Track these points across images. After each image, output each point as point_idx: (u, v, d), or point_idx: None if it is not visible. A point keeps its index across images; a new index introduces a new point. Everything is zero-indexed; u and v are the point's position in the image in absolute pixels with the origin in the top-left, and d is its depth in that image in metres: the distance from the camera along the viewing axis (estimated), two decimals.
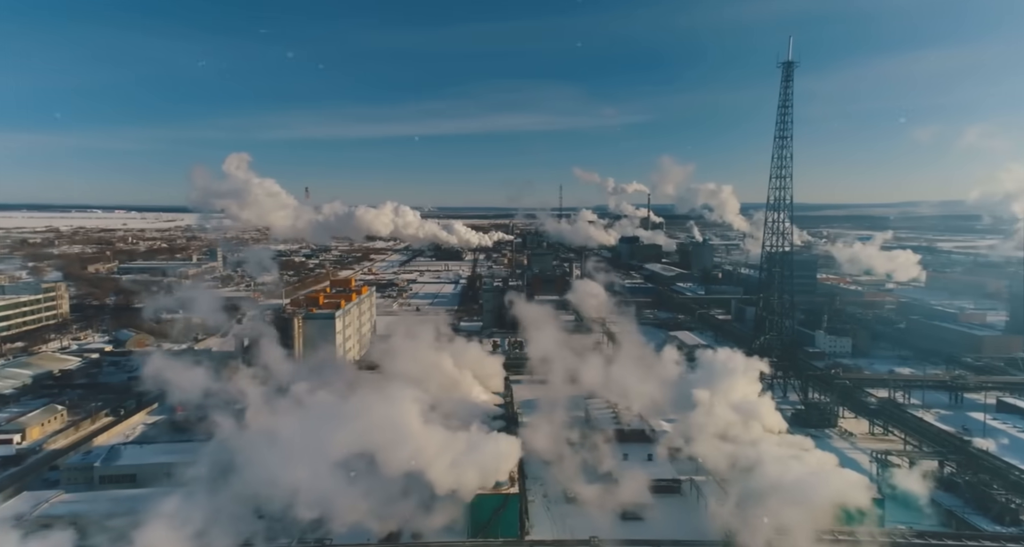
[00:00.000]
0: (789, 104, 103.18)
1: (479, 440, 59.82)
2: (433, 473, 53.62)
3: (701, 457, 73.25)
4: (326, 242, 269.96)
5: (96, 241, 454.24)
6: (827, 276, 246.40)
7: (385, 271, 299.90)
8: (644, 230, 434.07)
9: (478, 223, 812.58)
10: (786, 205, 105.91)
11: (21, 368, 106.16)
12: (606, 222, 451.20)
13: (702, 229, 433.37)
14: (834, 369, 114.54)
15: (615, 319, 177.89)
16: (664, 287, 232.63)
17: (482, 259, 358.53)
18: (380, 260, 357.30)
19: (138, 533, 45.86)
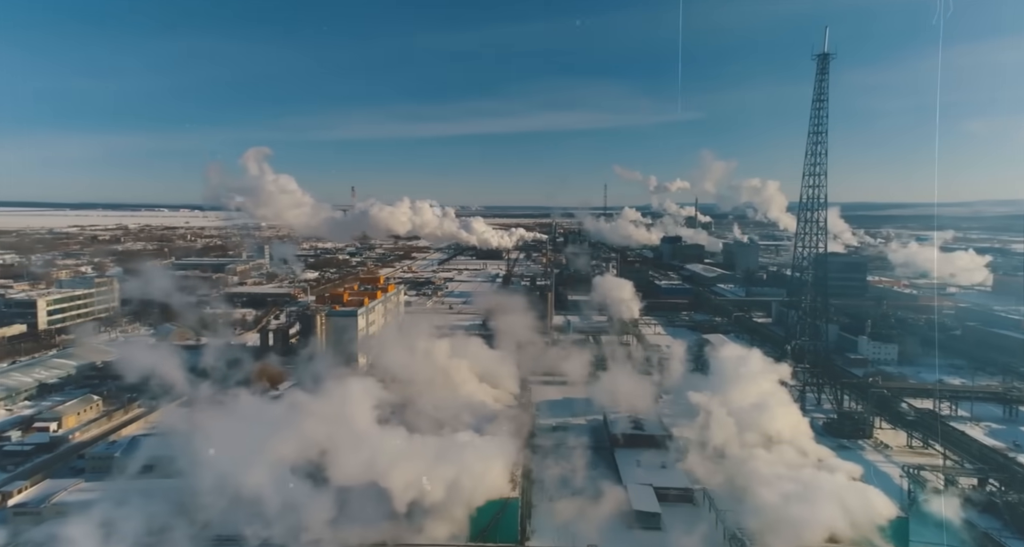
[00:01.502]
0: (824, 98, 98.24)
1: (450, 445, 58.52)
2: (390, 482, 52.30)
3: (713, 466, 70.51)
4: (343, 240, 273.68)
5: (158, 238, 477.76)
6: (880, 279, 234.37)
7: (425, 269, 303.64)
8: (692, 229, 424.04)
9: (522, 222, 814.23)
10: (820, 204, 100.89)
11: (67, 359, 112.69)
12: (649, 221, 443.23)
13: (748, 228, 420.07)
14: (873, 377, 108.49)
15: (647, 320, 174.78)
16: (703, 288, 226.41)
17: (522, 258, 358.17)
18: (421, 258, 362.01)
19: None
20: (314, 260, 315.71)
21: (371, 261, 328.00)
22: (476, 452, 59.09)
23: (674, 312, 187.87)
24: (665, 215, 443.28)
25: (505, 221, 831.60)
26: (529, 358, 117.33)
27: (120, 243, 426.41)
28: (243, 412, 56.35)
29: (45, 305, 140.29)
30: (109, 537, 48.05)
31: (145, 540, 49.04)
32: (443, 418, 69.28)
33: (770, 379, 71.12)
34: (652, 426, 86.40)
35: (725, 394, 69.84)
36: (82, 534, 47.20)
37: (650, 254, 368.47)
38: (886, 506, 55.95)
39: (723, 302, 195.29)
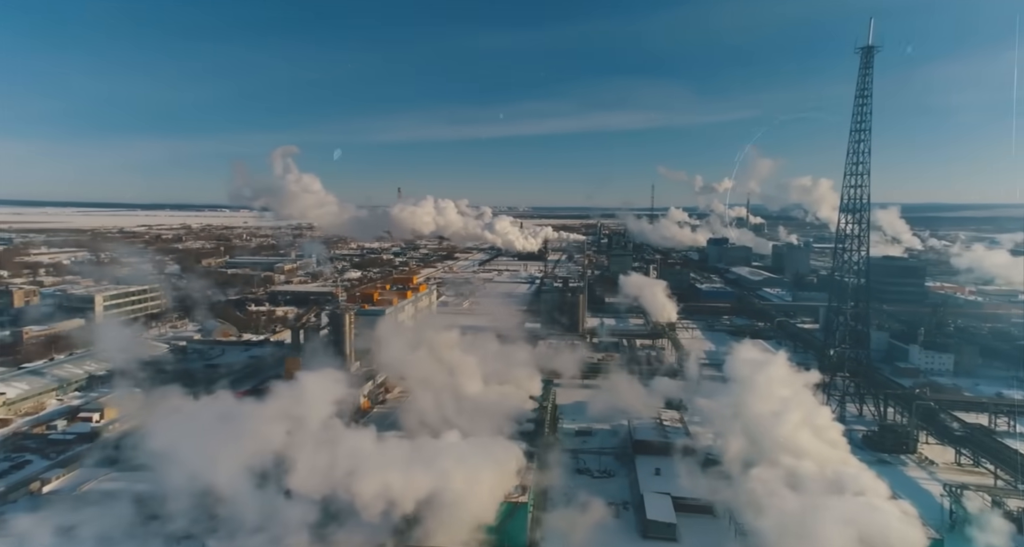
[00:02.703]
0: (868, 93, 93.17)
1: (453, 447, 57.97)
2: (359, 487, 51.86)
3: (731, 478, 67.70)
4: (368, 239, 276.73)
5: (217, 237, 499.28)
6: (942, 285, 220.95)
7: (465, 270, 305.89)
8: (738, 230, 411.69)
9: (567, 223, 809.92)
10: (863, 205, 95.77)
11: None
12: (696, 222, 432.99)
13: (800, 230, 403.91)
14: (920, 388, 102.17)
15: (686, 324, 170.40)
16: (747, 292, 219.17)
17: (563, 259, 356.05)
18: (464, 259, 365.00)
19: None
20: (359, 260, 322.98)
21: (414, 261, 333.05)
22: (482, 455, 58.48)
23: (715, 316, 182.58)
24: (711, 216, 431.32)
25: (551, 222, 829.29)
26: (555, 360, 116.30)
27: (181, 242, 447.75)
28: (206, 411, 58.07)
29: (102, 301, 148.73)
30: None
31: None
32: (455, 419, 68.84)
33: (795, 387, 67.53)
34: (676, 433, 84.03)
35: (741, 402, 66.86)
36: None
37: (695, 256, 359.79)
38: (915, 528, 52.24)
39: (767, 306, 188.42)
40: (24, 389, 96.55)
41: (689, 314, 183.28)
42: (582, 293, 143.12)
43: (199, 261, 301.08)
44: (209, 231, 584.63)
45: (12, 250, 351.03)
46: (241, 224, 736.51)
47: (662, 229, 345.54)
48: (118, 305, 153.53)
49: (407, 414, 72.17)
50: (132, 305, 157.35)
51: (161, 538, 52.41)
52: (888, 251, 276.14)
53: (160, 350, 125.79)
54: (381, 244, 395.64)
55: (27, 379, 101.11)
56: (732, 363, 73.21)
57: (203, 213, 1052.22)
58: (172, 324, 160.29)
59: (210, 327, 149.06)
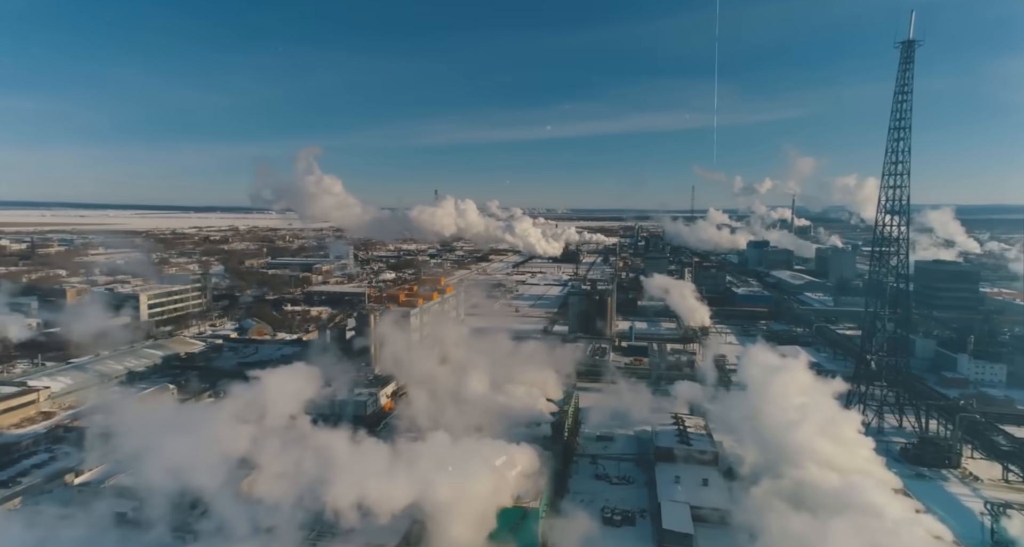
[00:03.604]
0: (908, 90, 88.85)
1: (461, 450, 57.51)
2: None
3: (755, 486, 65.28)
4: (390, 240, 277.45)
5: (261, 239, 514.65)
6: (999, 291, 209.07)
7: (499, 272, 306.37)
8: (779, 232, 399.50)
9: (606, 225, 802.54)
10: (902, 206, 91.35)
11: (156, 349, 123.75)
12: (738, 224, 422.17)
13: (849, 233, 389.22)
14: (966, 399, 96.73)
15: (721, 329, 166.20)
16: (787, 296, 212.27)
17: (599, 262, 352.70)
18: (499, 260, 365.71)
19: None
20: (395, 261, 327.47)
21: (449, 263, 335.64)
22: (490, 459, 58.03)
23: (751, 321, 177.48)
24: (752, 218, 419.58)
25: (589, 224, 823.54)
26: (580, 364, 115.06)
27: (227, 243, 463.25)
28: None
29: (146, 299, 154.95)
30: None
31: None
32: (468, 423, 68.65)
33: (815, 394, 64.70)
34: (700, 441, 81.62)
35: (755, 409, 64.44)
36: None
37: (735, 259, 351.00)
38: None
39: (806, 311, 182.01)
40: (68, 384, 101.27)
41: (724, 318, 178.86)
42: (610, 296, 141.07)
43: (242, 262, 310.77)
44: (255, 233, 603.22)
45: (72, 250, 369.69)
46: (286, 226, 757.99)
47: (699, 231, 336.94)
48: (161, 304, 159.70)
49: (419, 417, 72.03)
50: (175, 304, 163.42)
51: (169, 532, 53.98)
52: (940, 254, 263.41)
53: (197, 347, 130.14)
54: (418, 246, 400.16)
55: (71, 374, 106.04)
56: (745, 368, 70.67)
57: (251, 216, 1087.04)
58: (212, 322, 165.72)
59: (247, 326, 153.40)
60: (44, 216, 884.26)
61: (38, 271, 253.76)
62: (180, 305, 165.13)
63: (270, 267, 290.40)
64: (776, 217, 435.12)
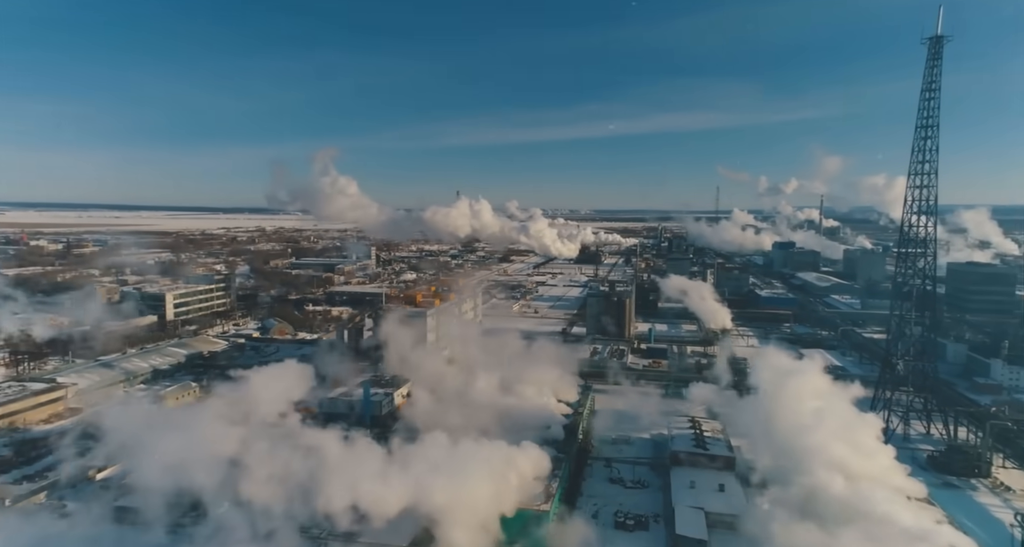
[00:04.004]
0: (936, 87, 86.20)
1: (469, 453, 57.08)
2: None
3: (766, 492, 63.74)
4: (405, 240, 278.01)
5: (287, 239, 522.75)
6: None
7: (520, 273, 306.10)
8: (805, 233, 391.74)
9: (629, 226, 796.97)
10: (929, 207, 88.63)
11: (180, 348, 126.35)
12: (765, 226, 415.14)
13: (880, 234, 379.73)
14: (998, 406, 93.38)
15: (743, 331, 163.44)
16: (813, 299, 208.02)
17: (620, 263, 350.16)
18: (519, 261, 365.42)
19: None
20: (417, 261, 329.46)
21: (470, 263, 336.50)
22: (500, 460, 57.73)
23: (774, 324, 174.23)
24: (778, 218, 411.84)
25: (611, 225, 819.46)
26: (597, 366, 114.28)
27: (254, 243, 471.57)
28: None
29: (172, 299, 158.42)
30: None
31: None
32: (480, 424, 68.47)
33: (829, 398, 62.95)
34: (716, 445, 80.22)
35: (767, 414, 62.96)
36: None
37: (760, 261, 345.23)
38: None
39: (832, 314, 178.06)
40: (95, 380, 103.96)
41: (747, 321, 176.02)
42: (628, 298, 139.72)
43: (267, 262, 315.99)
44: (280, 234, 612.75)
45: (105, 250, 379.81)
46: (311, 227, 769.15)
47: (723, 232, 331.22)
48: (187, 303, 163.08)
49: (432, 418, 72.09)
50: (200, 303, 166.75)
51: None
52: (975, 256, 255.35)
53: (219, 346, 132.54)
54: (439, 247, 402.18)
55: (99, 371, 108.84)
56: (758, 371, 69.15)
57: (277, 217, 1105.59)
58: (235, 322, 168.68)
59: (269, 325, 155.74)
60: (81, 217, 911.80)
61: (72, 270, 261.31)
62: (205, 305, 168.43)
63: (294, 267, 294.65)
64: (803, 218, 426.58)
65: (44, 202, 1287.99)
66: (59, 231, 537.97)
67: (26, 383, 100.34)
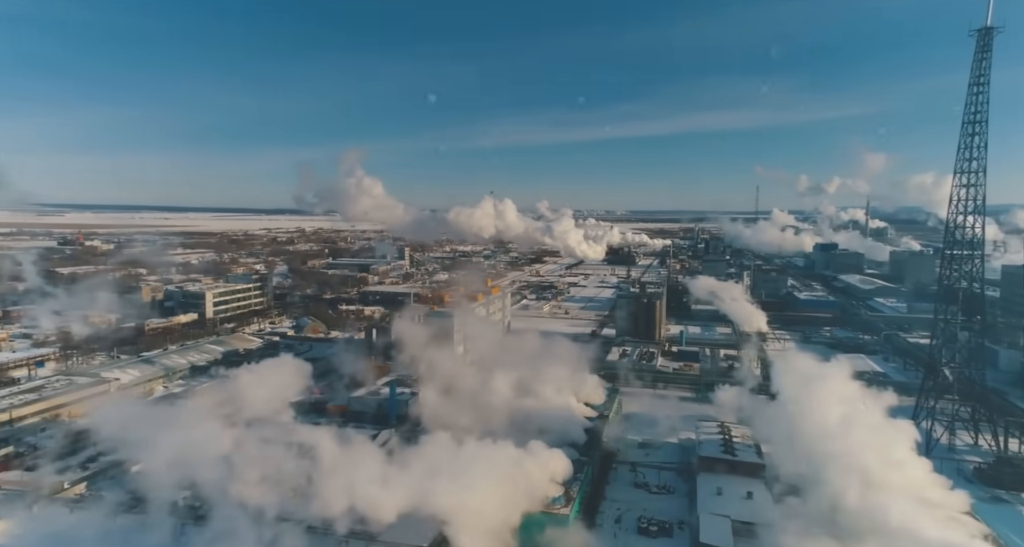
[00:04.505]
0: (984, 81, 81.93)
1: (483, 454, 56.60)
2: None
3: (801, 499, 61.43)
4: (430, 240, 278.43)
5: (325, 240, 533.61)
6: None
7: (552, 274, 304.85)
8: (855, 235, 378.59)
9: (666, 227, 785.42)
10: (977, 207, 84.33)
11: (217, 345, 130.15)
12: (808, 226, 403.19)
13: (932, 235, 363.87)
14: None
15: (780, 335, 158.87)
16: (856, 302, 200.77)
17: (655, 264, 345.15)
18: (552, 262, 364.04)
19: None
20: (450, 262, 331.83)
21: (502, 264, 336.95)
22: (514, 463, 57.31)
23: (813, 327, 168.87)
24: (820, 218, 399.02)
25: (648, 226, 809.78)
26: (626, 369, 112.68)
27: (293, 244, 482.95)
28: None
29: (212, 297, 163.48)
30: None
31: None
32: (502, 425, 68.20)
33: (861, 406, 60.25)
34: (746, 451, 78.02)
35: (789, 420, 60.73)
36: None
37: (800, 263, 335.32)
38: None
39: (875, 318, 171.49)
40: (136, 376, 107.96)
41: (785, 324, 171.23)
42: (659, 299, 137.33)
43: (305, 262, 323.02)
44: (319, 234, 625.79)
45: (154, 250, 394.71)
46: (348, 228, 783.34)
47: (760, 233, 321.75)
48: (226, 301, 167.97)
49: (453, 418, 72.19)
50: (238, 302, 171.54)
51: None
52: None
53: (254, 344, 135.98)
54: (473, 247, 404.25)
55: (140, 367, 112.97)
56: (779, 375, 66.83)
57: (316, 218, 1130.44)
58: (271, 320, 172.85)
59: (302, 324, 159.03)
60: (133, 218, 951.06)
61: (122, 270, 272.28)
62: (243, 303, 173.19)
63: (330, 267, 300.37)
64: (846, 218, 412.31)
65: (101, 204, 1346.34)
66: (113, 232, 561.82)
67: (73, 377, 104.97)
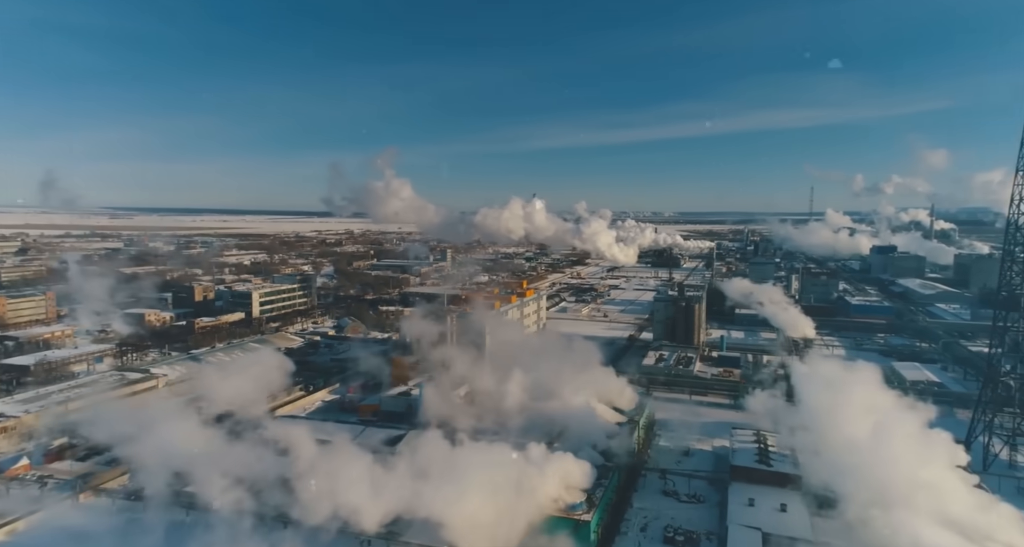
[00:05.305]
0: None
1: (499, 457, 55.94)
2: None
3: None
4: (461, 241, 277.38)
5: (372, 242, 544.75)
6: None
7: (593, 276, 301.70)
8: (915, 236, 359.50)
9: (715, 228, 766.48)
10: None
11: (260, 344, 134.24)
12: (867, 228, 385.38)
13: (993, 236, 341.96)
14: None
15: (829, 341, 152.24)
16: (914, 307, 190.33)
17: (700, 267, 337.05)
18: (594, 264, 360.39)
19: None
20: (491, 264, 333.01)
21: (543, 266, 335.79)
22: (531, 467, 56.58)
23: (866, 334, 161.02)
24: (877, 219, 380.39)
25: (696, 228, 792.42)
26: (661, 374, 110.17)
27: (341, 245, 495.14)
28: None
29: (258, 297, 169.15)
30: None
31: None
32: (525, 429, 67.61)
33: (892, 413, 56.69)
34: (781, 461, 74.84)
35: (813, 430, 57.68)
36: None
37: (856, 266, 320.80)
38: None
39: (934, 325, 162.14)
40: (182, 372, 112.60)
41: (835, 330, 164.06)
42: (698, 303, 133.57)
43: (350, 263, 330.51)
44: (367, 236, 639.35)
45: (210, 252, 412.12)
46: (395, 230, 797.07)
47: (811, 235, 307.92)
48: (271, 301, 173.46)
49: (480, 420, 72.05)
50: (283, 302, 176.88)
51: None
52: None
53: (296, 343, 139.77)
54: (515, 249, 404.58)
55: (187, 364, 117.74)
56: (799, 382, 63.74)
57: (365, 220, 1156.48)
58: (314, 320, 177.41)
59: (343, 324, 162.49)
60: (195, 221, 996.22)
61: (179, 270, 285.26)
62: (287, 303, 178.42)
63: (374, 269, 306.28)
64: (907, 219, 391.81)
65: (166, 207, 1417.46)
66: (175, 233, 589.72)
67: (125, 373, 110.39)
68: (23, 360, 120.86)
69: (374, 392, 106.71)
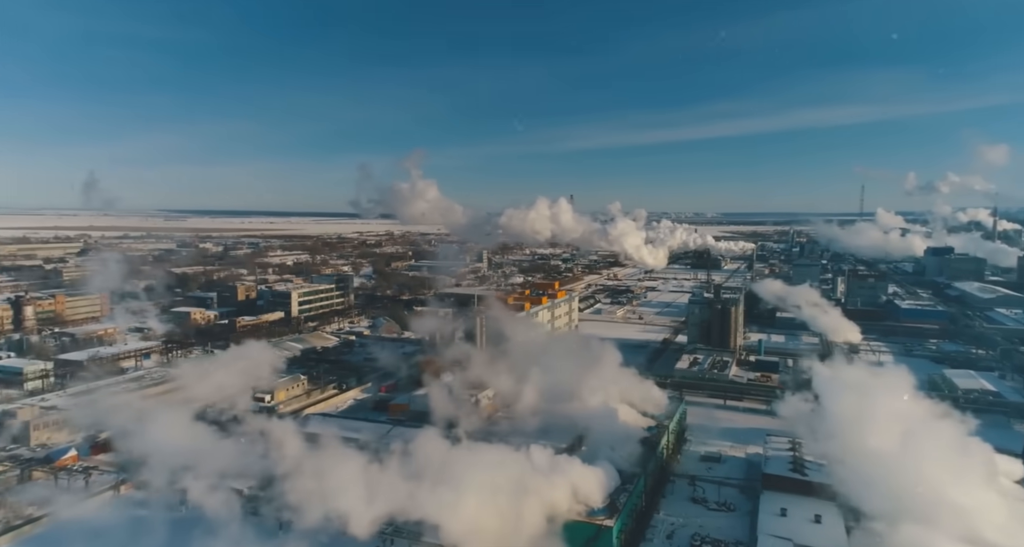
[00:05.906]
0: None
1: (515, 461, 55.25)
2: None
3: None
4: (488, 244, 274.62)
5: (411, 243, 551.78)
6: None
7: (630, 277, 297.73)
8: (974, 237, 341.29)
9: (759, 229, 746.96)
10: None
11: (297, 343, 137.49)
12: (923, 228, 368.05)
13: None
14: None
15: (876, 346, 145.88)
16: (971, 312, 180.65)
17: (742, 268, 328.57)
18: (632, 266, 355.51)
19: None
20: (527, 265, 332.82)
21: (579, 267, 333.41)
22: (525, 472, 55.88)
23: (917, 339, 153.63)
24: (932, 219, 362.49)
25: (741, 229, 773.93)
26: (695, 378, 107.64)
27: (380, 246, 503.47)
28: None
29: (297, 297, 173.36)
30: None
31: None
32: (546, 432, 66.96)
33: (923, 422, 53.51)
34: (817, 471, 71.86)
35: (841, 437, 54.94)
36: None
37: (908, 268, 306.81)
38: None
39: (992, 330, 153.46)
40: None
41: (883, 335, 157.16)
42: (735, 306, 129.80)
43: (389, 264, 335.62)
44: (407, 237, 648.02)
45: (256, 253, 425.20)
46: (435, 231, 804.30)
47: (857, 235, 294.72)
48: (309, 301, 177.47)
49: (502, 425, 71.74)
50: (320, 301, 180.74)
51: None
52: None
53: (331, 342, 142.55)
54: (552, 251, 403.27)
55: None
56: (820, 387, 60.90)
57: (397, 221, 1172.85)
58: (351, 320, 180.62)
59: (378, 324, 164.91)
60: (243, 223, 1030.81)
61: (225, 270, 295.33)
62: (325, 303, 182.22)
63: (411, 269, 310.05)
64: (965, 219, 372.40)
65: (217, 209, 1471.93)
66: (224, 235, 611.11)
67: (169, 369, 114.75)
68: (77, 356, 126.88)
69: (407, 391, 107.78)
